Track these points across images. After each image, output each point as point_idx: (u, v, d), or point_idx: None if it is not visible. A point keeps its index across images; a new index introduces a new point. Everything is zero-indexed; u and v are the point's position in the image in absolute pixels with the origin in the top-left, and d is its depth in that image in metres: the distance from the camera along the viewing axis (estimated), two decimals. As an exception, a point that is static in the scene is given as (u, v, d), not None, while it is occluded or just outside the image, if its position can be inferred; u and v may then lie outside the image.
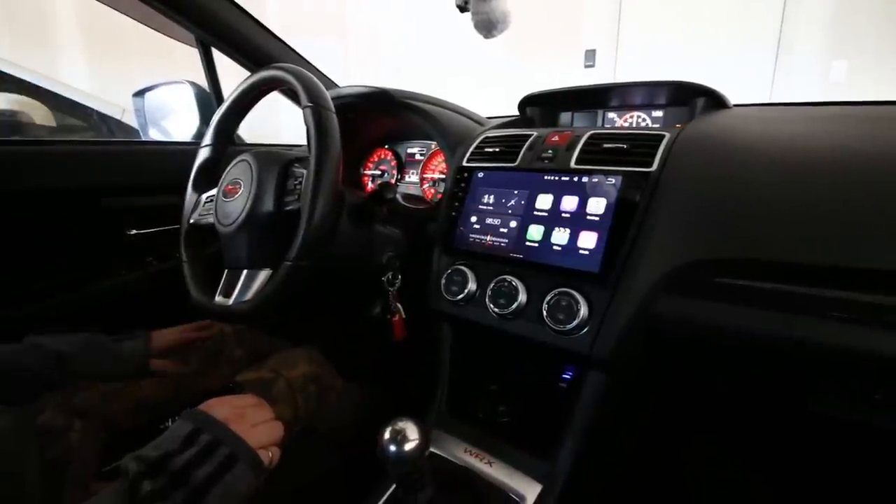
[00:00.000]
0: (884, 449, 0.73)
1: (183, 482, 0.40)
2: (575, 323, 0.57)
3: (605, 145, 0.64)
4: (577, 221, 0.61)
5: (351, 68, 3.89)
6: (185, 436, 0.43)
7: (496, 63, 3.12)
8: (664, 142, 0.60)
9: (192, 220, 0.75)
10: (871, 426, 0.67)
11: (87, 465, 0.60)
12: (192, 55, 1.08)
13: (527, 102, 0.89)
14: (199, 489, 0.40)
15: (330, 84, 1.14)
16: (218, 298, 0.67)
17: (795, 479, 0.83)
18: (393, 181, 1.08)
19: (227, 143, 0.78)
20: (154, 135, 1.21)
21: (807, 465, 0.82)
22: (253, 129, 0.86)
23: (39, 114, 1.85)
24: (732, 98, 0.74)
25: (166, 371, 0.73)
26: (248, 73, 0.74)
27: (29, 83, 2.04)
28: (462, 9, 0.68)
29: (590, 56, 3.02)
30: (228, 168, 0.71)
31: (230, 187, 0.67)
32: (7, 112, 1.80)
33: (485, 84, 3.13)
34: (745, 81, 2.61)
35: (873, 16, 2.35)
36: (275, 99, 0.82)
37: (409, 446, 0.48)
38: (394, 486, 0.61)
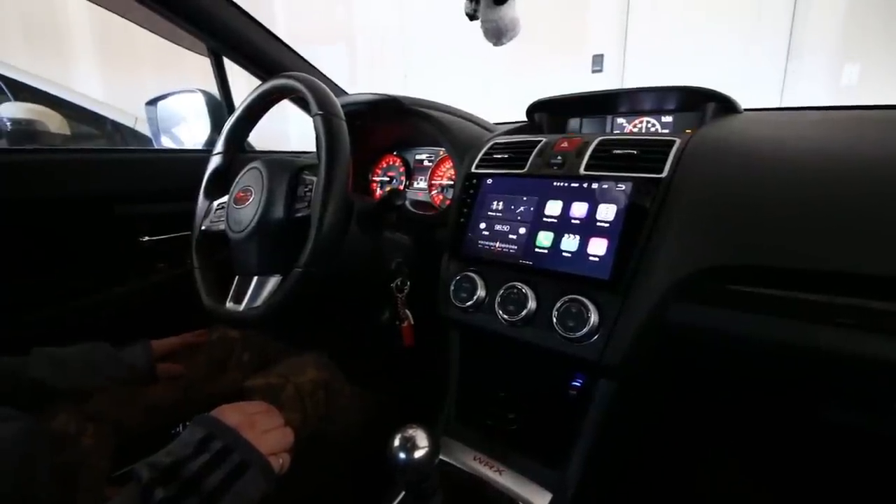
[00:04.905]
0: None
1: (195, 489, 0.40)
2: (585, 330, 0.57)
3: (615, 151, 0.63)
4: (587, 228, 0.61)
5: (358, 74, 3.93)
6: (196, 442, 0.44)
7: (504, 68, 3.13)
8: (675, 148, 0.60)
9: (203, 227, 0.75)
10: (888, 437, 0.66)
11: (99, 470, 0.61)
12: (203, 63, 1.10)
13: (535, 108, 0.90)
14: (210, 496, 0.40)
15: (338, 91, 1.15)
16: (228, 304, 0.68)
17: (810, 490, 0.82)
18: (401, 187, 1.08)
19: (238, 150, 0.78)
20: (166, 143, 1.22)
21: (823, 476, 0.80)
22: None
23: (55, 122, 1.88)
24: (743, 103, 0.74)
25: (172, 374, 0.74)
26: (254, 81, 0.75)
27: (45, 92, 2.08)
28: (471, 17, 0.68)
29: (598, 61, 3.02)
30: (240, 175, 0.71)
31: (241, 194, 0.68)
32: (23, 121, 1.84)
33: (492, 89, 3.14)
34: (755, 86, 2.60)
35: (885, 19, 2.33)
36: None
37: (418, 454, 0.48)
38: (403, 493, 0.61)
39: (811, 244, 0.49)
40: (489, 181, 0.72)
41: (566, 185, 0.64)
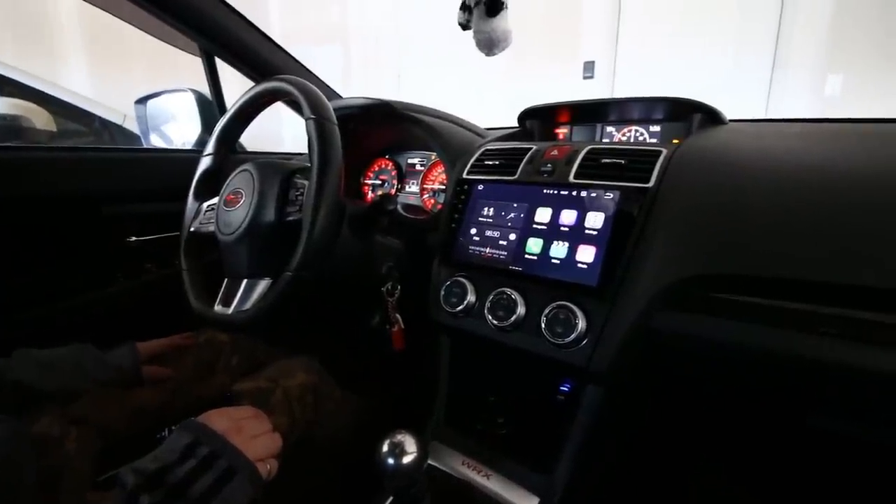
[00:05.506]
0: (885, 465, 0.73)
1: (180, 496, 0.40)
2: (573, 336, 0.57)
3: (604, 160, 0.64)
4: (576, 235, 0.61)
5: (352, 76, 3.92)
6: (183, 448, 0.43)
7: (497, 72, 3.14)
8: (661, 158, 0.61)
9: (192, 228, 0.75)
10: (874, 443, 0.67)
11: (83, 474, 0.60)
12: (195, 63, 1.09)
13: (526, 115, 0.90)
14: (197, 503, 0.40)
15: (332, 94, 1.15)
16: (217, 307, 0.68)
17: (798, 495, 0.83)
18: (393, 191, 1.08)
19: (229, 151, 0.78)
20: (156, 141, 1.21)
21: (810, 482, 0.82)
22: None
23: (41, 119, 1.85)
24: (729, 113, 0.75)
25: (159, 377, 0.73)
26: (248, 83, 0.75)
27: (31, 88, 2.05)
28: (464, 27, 0.69)
29: (589, 67, 3.05)
30: (230, 177, 0.71)
31: (231, 197, 0.68)
32: (8, 117, 1.81)
33: (486, 93, 3.16)
34: (742, 92, 2.64)
35: (869, 31, 2.38)
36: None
37: (407, 459, 0.48)
38: (391, 498, 0.61)
39: (794, 254, 0.50)
40: (480, 187, 0.73)
41: (556, 192, 0.65)
